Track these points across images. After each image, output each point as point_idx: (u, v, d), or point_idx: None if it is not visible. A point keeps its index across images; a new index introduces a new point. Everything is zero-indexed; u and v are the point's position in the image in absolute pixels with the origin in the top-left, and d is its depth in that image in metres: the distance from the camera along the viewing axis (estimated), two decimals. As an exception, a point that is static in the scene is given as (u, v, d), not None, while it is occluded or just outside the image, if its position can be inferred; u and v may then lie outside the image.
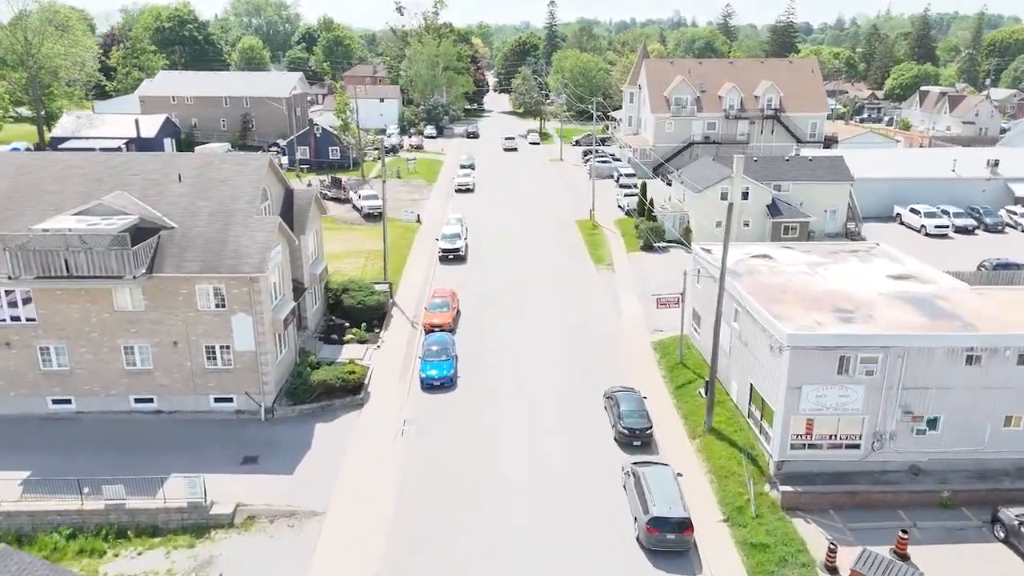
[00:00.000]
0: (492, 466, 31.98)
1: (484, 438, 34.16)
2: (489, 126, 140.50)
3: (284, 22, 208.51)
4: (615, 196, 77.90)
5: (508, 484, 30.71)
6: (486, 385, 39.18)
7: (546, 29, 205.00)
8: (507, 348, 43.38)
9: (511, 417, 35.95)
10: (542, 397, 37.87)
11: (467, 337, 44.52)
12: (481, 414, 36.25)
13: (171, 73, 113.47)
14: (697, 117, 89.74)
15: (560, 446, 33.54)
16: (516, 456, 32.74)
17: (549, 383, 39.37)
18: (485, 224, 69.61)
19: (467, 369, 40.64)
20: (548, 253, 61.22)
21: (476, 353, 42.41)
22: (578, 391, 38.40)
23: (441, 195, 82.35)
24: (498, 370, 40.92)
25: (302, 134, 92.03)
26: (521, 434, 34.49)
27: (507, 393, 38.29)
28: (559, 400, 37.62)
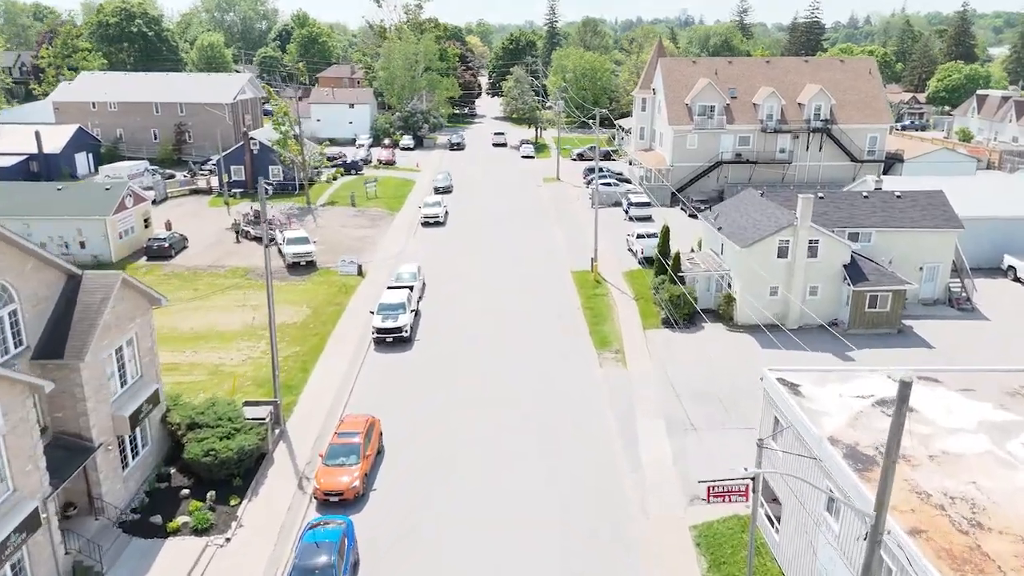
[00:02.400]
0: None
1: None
2: (478, 135, 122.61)
3: (260, 18, 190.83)
4: (624, 234, 59.90)
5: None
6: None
7: (546, 26, 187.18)
8: (457, 544, 25.46)
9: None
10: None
11: (386, 517, 26.63)
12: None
13: (92, 75, 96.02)
14: (726, 130, 71.75)
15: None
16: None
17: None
18: (451, 276, 51.74)
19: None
20: (532, 329, 43.29)
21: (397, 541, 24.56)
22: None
23: (402, 230, 64.50)
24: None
25: (235, 150, 74.33)
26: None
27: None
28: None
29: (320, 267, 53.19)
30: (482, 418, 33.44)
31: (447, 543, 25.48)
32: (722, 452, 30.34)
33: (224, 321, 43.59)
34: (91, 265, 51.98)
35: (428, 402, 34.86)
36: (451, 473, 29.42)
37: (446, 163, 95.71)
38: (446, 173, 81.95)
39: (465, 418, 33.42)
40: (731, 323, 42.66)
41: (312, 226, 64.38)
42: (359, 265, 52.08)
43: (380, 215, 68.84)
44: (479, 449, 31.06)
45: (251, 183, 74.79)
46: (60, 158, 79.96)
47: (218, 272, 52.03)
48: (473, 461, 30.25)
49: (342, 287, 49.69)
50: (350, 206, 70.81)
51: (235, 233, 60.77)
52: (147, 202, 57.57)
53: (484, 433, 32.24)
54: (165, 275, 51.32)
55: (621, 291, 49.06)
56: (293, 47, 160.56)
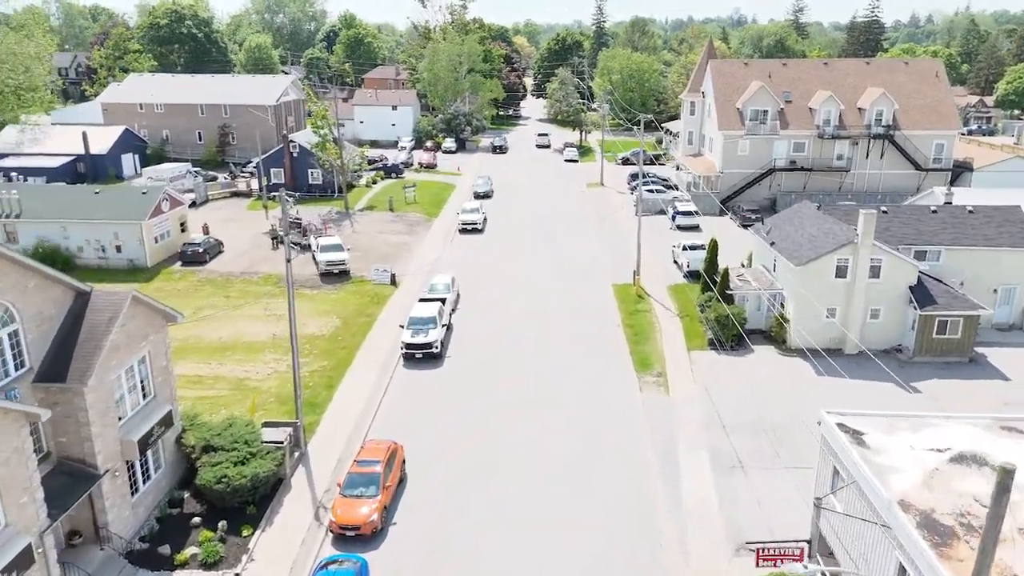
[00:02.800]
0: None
1: None
2: (522, 137, 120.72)
3: (309, 20, 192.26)
4: (670, 245, 57.17)
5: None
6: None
7: (594, 26, 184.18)
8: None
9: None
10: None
11: (405, 556, 24.83)
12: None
13: (140, 76, 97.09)
14: (780, 136, 68.27)
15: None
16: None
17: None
18: (486, 288, 49.85)
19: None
20: (568, 347, 41.08)
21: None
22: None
23: (439, 237, 62.91)
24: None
25: (274, 153, 73.82)
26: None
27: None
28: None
29: (353, 275, 51.88)
30: (510, 445, 31.43)
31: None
32: (772, 495, 27.74)
33: (252, 331, 42.49)
34: (126, 270, 51.69)
35: (455, 425, 32.99)
36: (475, 506, 27.47)
37: (487, 167, 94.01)
38: (487, 178, 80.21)
39: (492, 445, 31.45)
40: (783, 346, 39.78)
41: (349, 231, 63.29)
42: (392, 274, 50.58)
43: (418, 221, 67.41)
44: (505, 480, 29.05)
45: (292, 186, 74.21)
46: (106, 159, 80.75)
47: (251, 279, 51.16)
48: (498, 493, 28.26)
49: (374, 297, 48.23)
50: (388, 211, 69.59)
51: (271, 239, 59.99)
52: (184, 206, 57.13)
53: (511, 461, 30.22)
54: (199, 281, 50.64)
55: (664, 307, 46.47)
56: (339, 48, 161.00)
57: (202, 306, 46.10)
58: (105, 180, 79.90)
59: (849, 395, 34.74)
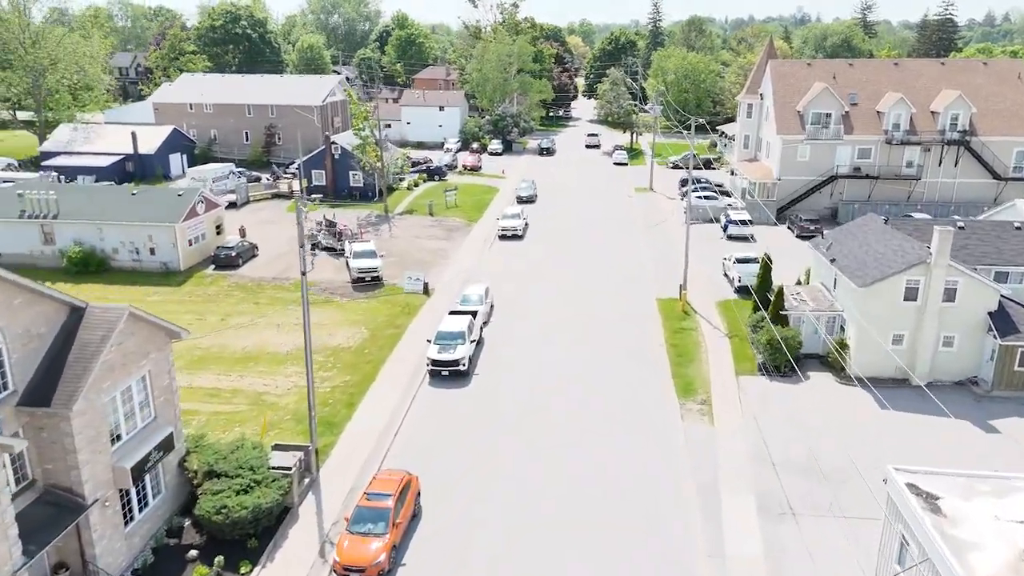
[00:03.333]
0: None
1: None
2: (571, 139, 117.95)
3: (363, 20, 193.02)
4: (720, 257, 53.80)
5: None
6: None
7: (649, 25, 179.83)
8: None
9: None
10: None
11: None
12: None
13: (192, 76, 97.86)
14: (843, 141, 63.96)
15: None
16: None
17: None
18: (522, 299, 47.48)
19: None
20: (606, 367, 38.38)
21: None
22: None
23: (478, 243, 60.81)
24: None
25: (316, 155, 72.92)
26: None
27: None
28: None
29: (387, 283, 50.18)
30: (536, 477, 28.98)
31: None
32: (826, 550, 24.63)
33: (277, 342, 41.08)
34: (160, 272, 51.09)
35: (478, 453, 30.73)
36: (494, 546, 25.13)
37: (533, 169, 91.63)
38: (531, 182, 77.81)
39: (516, 477, 29.05)
40: (842, 375, 36.26)
41: (386, 236, 61.77)
42: (425, 283, 48.64)
43: (457, 226, 65.46)
44: (528, 517, 26.63)
45: (332, 188, 73.30)
46: (154, 159, 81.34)
47: (283, 285, 49.93)
48: (523, 528, 25.86)
49: (405, 307, 46.37)
50: (428, 215, 67.87)
51: (308, 244, 58.87)
52: (220, 208, 56.39)
53: (536, 496, 27.77)
54: (229, 286, 49.65)
55: (712, 325, 43.30)
56: (391, 48, 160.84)
57: (230, 312, 45.03)
58: (152, 179, 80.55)
59: (916, 433, 31.20)
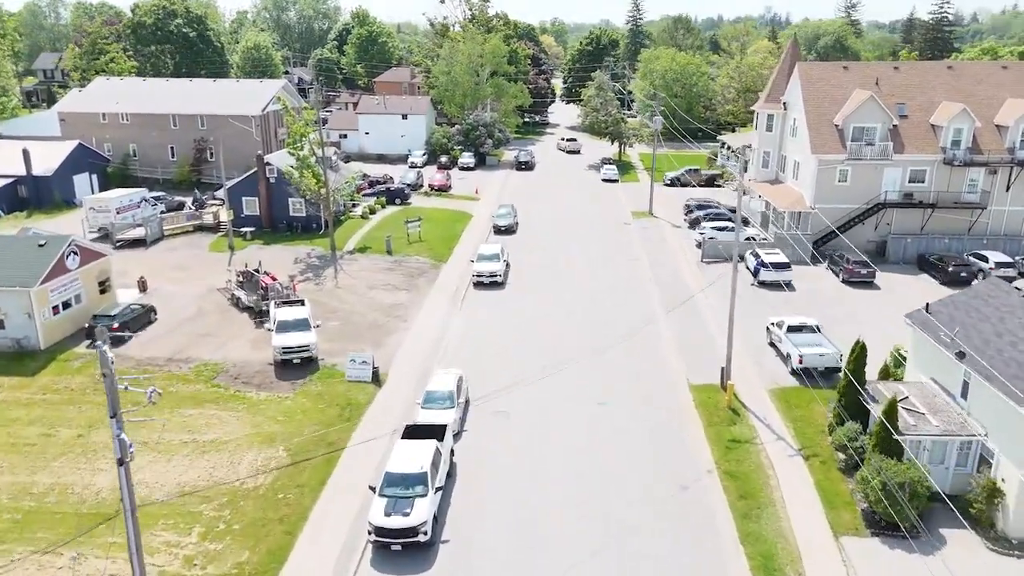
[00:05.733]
0: None
1: None
2: (550, 149, 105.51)
3: (320, 17, 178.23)
4: (762, 320, 41.68)
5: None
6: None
7: (629, 24, 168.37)
8: None
9: None
10: None
11: None
12: None
13: (107, 81, 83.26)
14: (892, 161, 52.46)
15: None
16: None
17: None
18: (503, 389, 34.72)
19: None
20: (629, 519, 25.87)
21: None
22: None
23: (447, 294, 47.97)
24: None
25: (247, 178, 59.48)
26: None
27: None
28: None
29: (324, 363, 37.18)
30: None
31: None
32: None
33: (147, 479, 27.91)
34: (11, 353, 37.49)
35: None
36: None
37: (511, 188, 79.10)
38: (509, 207, 65.15)
39: None
40: (997, 535, 24.25)
41: (330, 285, 48.72)
42: (375, 369, 35.65)
43: (421, 268, 52.55)
44: None
45: (268, 219, 59.89)
46: (53, 181, 67.14)
47: (178, 372, 36.49)
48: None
49: (346, 406, 33.41)
50: (385, 253, 54.90)
51: (229, 298, 45.73)
52: (104, 258, 42.84)
53: None
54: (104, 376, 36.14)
55: (775, 433, 31.07)
56: (351, 48, 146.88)
57: (98, 420, 31.65)
58: (50, 207, 66.44)
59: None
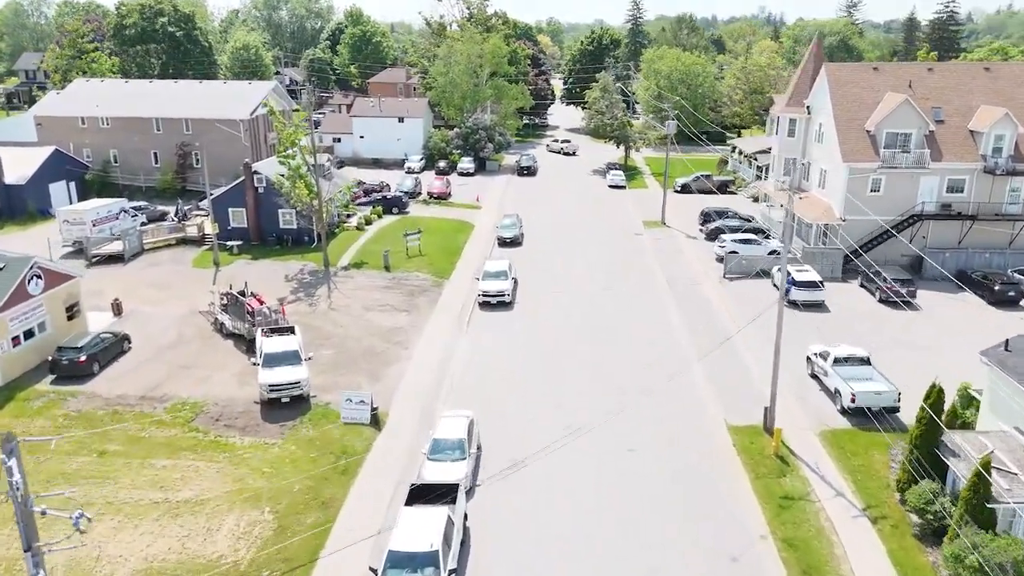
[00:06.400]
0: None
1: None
2: (552, 152, 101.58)
3: (313, 16, 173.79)
4: (799, 344, 37.84)
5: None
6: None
7: (629, 23, 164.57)
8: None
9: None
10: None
11: None
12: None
13: (87, 83, 78.93)
14: (929, 170, 48.82)
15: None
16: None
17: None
18: (519, 429, 30.77)
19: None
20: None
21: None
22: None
23: (451, 315, 44.02)
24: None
25: (234, 188, 55.41)
26: None
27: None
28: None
29: (316, 401, 33.20)
30: None
31: None
32: None
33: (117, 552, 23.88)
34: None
35: None
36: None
37: (512, 195, 75.25)
38: (514, 217, 61.26)
39: None
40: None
41: (323, 306, 44.73)
42: (374, 409, 31.67)
43: (422, 286, 48.59)
44: None
45: (256, 232, 55.86)
46: (27, 190, 62.92)
47: (151, 412, 32.38)
48: None
49: (342, 454, 29.43)
50: (383, 269, 50.94)
51: (212, 321, 41.76)
52: (74, 280, 38.74)
53: None
54: (67, 417, 32.00)
55: (832, 487, 27.24)
56: (344, 48, 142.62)
57: (57, 475, 27.58)
58: (23, 218, 62.24)
59: None
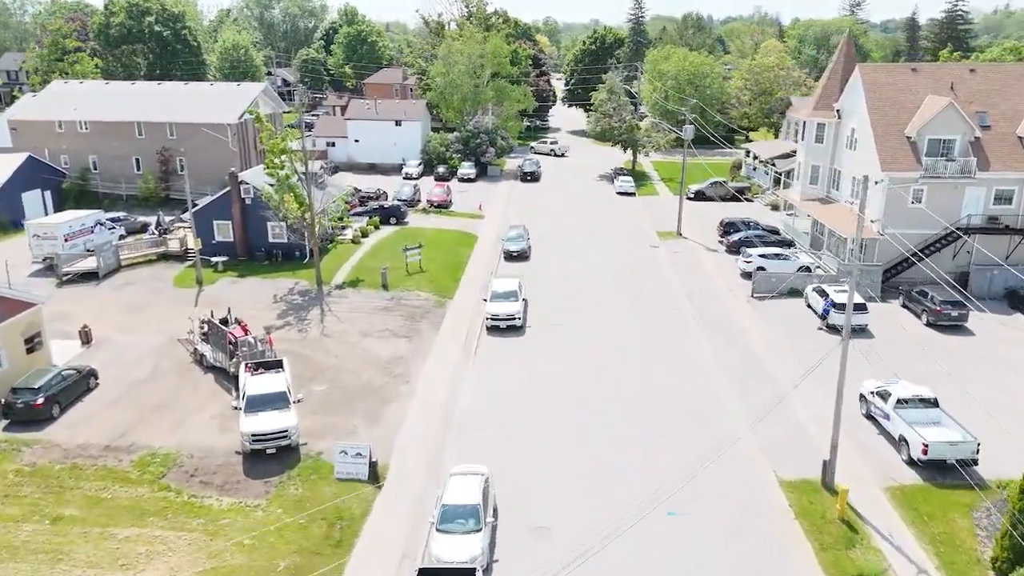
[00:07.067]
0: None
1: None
2: (554, 158, 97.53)
3: (307, 15, 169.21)
4: (854, 385, 33.76)
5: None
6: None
7: (630, 22, 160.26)
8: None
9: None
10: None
11: None
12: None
13: (65, 85, 74.35)
14: (975, 180, 44.96)
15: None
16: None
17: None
18: (539, 487, 26.67)
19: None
20: None
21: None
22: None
23: (458, 339, 39.90)
24: None
25: (218, 200, 51.13)
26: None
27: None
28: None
29: (306, 452, 29.02)
30: None
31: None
32: None
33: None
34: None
35: None
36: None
37: (517, 202, 71.20)
38: (521, 228, 57.12)
39: None
40: None
41: (315, 332, 40.54)
42: (373, 463, 27.46)
43: (424, 307, 44.44)
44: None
45: (243, 246, 51.61)
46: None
47: (116, 466, 28.12)
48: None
49: (337, 520, 25.24)
50: (381, 288, 46.78)
51: (192, 352, 37.59)
52: (34, 308, 34.48)
53: None
54: (19, 473, 27.72)
55: (913, 562, 23.21)
56: (338, 48, 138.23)
57: (6, 546, 23.39)
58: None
59: None
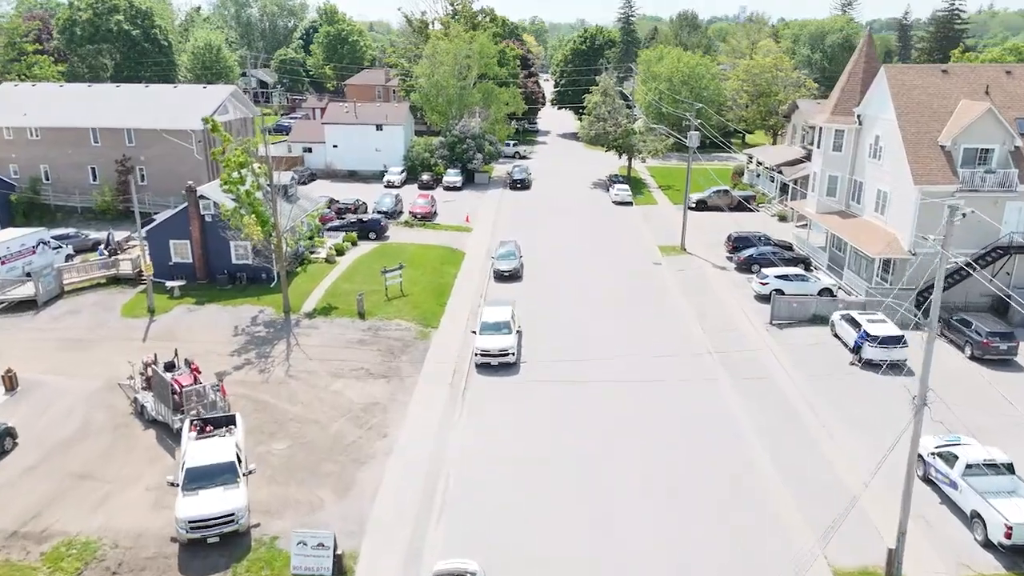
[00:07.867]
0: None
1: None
2: (545, 162, 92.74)
3: (285, 14, 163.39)
4: (890, 426, 29.08)
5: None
6: None
7: (620, 22, 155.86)
8: None
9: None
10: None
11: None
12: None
13: (15, 88, 68.47)
14: (1016, 193, 40.59)
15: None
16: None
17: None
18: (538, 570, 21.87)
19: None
20: None
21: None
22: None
23: (443, 383, 34.90)
24: None
25: (173, 217, 45.77)
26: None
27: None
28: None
29: (258, 533, 23.92)
30: None
31: None
32: None
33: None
34: None
35: None
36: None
37: (506, 213, 66.33)
38: (511, 244, 52.17)
39: None
40: None
41: (280, 374, 35.39)
42: (337, 556, 22.39)
43: (405, 339, 39.39)
44: None
45: (203, 269, 46.30)
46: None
47: (20, 562, 22.96)
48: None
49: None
50: (356, 316, 41.69)
51: (132, 402, 32.38)
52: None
53: None
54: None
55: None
56: (318, 48, 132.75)
57: None
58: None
59: None
